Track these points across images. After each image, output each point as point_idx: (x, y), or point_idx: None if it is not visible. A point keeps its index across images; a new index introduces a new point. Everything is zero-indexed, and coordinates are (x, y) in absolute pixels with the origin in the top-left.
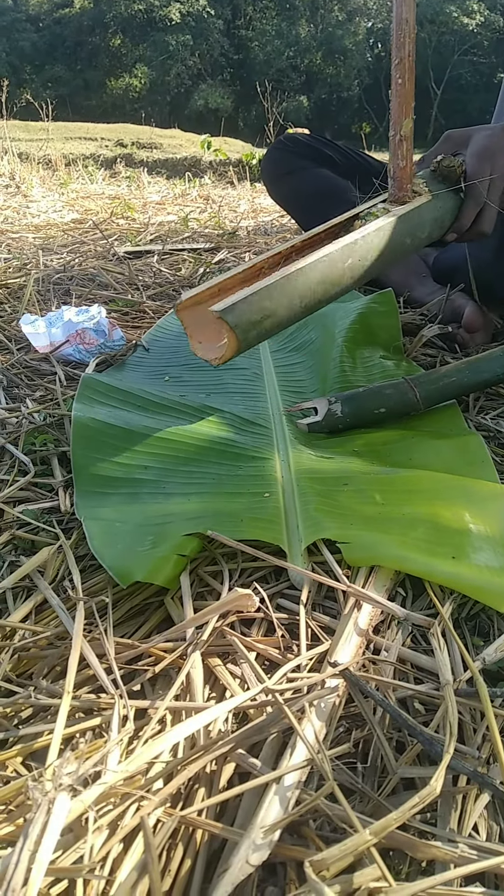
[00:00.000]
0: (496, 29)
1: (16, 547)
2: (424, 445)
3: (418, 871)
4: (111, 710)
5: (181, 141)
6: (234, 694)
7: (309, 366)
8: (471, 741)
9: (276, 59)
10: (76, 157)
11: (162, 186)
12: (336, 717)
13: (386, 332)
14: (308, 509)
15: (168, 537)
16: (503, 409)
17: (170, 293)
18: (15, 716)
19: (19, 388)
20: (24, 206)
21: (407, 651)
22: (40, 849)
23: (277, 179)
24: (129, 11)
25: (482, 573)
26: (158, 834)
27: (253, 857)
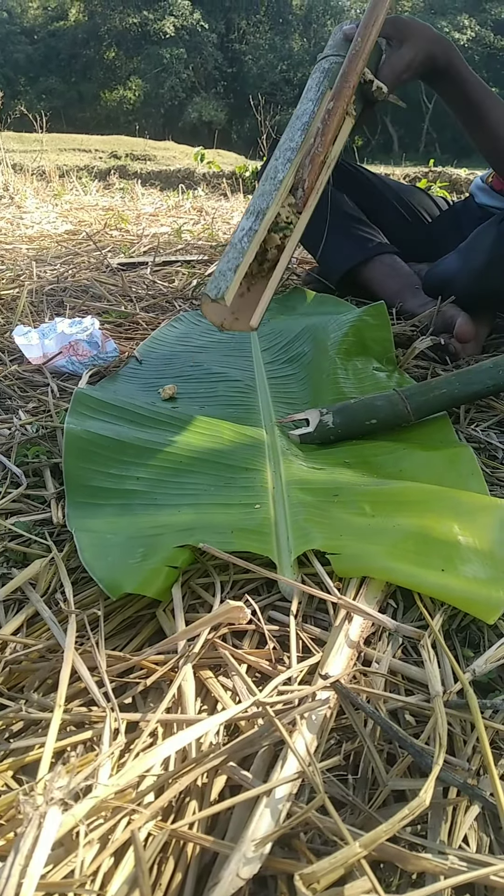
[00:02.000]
0: (487, 44)
1: (7, 559)
2: (415, 457)
3: (409, 883)
4: (102, 724)
5: (175, 153)
6: (225, 706)
7: (302, 378)
8: (461, 753)
9: (269, 72)
10: (70, 168)
11: (155, 198)
12: (327, 729)
13: (378, 344)
14: (298, 520)
15: (159, 549)
16: (494, 421)
17: (163, 305)
18: (6, 729)
19: (12, 399)
20: (18, 217)
21: (398, 663)
22: (31, 863)
23: None
24: (124, 25)
25: (470, 585)
26: (149, 848)
27: (244, 871)
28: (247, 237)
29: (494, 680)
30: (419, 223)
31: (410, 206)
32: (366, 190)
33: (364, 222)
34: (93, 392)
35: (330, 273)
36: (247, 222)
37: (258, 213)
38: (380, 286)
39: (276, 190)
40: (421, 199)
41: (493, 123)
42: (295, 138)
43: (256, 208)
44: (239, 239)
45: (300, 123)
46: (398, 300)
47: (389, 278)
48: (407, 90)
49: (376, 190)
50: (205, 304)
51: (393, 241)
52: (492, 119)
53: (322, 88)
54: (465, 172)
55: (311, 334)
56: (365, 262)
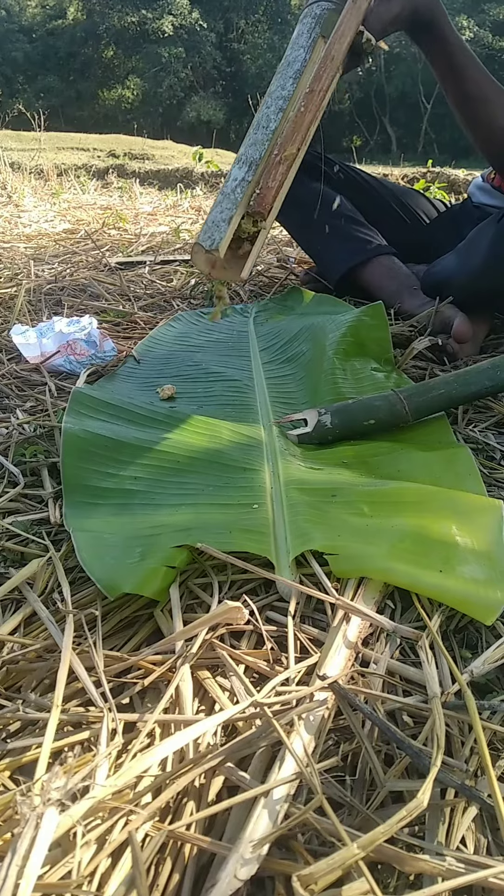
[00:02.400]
0: (485, 45)
1: (5, 559)
2: (413, 457)
3: (406, 884)
4: (100, 724)
5: (173, 152)
6: (223, 707)
7: (300, 378)
8: (459, 754)
9: (267, 71)
10: (68, 167)
11: (154, 197)
12: (325, 730)
13: (377, 344)
14: (296, 520)
15: (157, 549)
16: (492, 422)
17: (161, 304)
18: (3, 729)
19: (10, 398)
20: (16, 216)
21: (395, 663)
22: (28, 864)
23: None
24: (122, 23)
25: (468, 586)
26: (147, 848)
27: (241, 872)
28: (240, 188)
29: (492, 681)
30: (417, 224)
31: (408, 208)
32: (364, 192)
33: (362, 223)
34: (90, 391)
35: (328, 274)
36: (239, 172)
37: (251, 164)
38: (378, 287)
39: (269, 140)
40: (418, 201)
41: (469, 82)
42: (287, 86)
43: (249, 158)
44: (231, 189)
45: (292, 71)
46: (397, 301)
47: (388, 279)
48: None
49: (374, 192)
50: (196, 253)
51: (391, 242)
52: (468, 77)
53: (314, 35)
54: (463, 173)
55: (310, 334)
56: (363, 264)
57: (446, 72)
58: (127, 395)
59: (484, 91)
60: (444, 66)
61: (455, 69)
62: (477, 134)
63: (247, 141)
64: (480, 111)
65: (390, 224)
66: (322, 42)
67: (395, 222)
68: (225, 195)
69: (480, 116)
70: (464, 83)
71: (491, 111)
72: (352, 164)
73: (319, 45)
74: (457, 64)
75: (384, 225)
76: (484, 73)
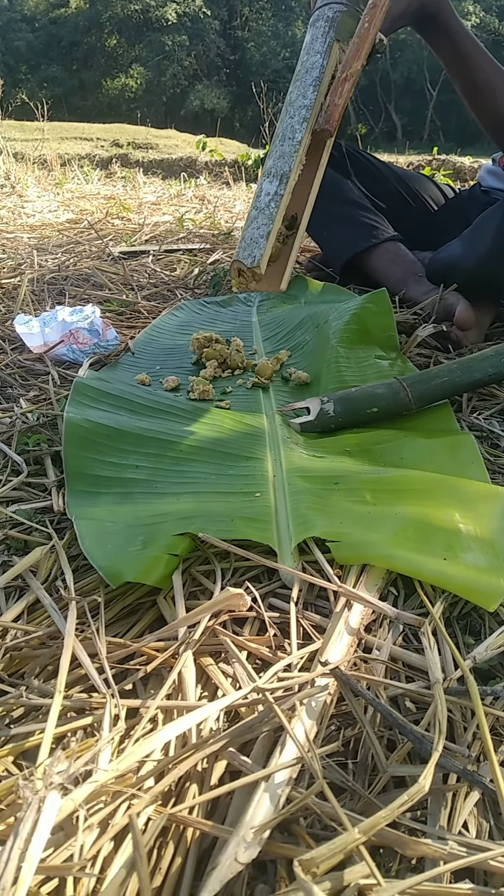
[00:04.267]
0: (492, 30)
1: (8, 547)
2: (416, 445)
3: (408, 868)
4: (102, 710)
5: (177, 141)
6: (225, 693)
7: (303, 366)
8: (461, 739)
9: (272, 59)
10: (72, 157)
11: (157, 187)
12: (327, 715)
13: (381, 331)
14: (299, 508)
15: (159, 537)
16: (496, 410)
17: (164, 293)
18: (6, 715)
19: (13, 388)
20: (20, 206)
21: (398, 650)
22: (31, 847)
23: None
24: (126, 12)
25: (471, 572)
26: (148, 832)
27: (243, 855)
28: (273, 202)
29: (495, 667)
30: (424, 210)
31: (416, 193)
32: (372, 176)
33: (369, 209)
34: (93, 381)
35: (334, 259)
36: (270, 186)
37: (282, 177)
38: (383, 273)
39: (296, 151)
40: (426, 187)
41: (476, 71)
42: (308, 95)
43: (279, 171)
44: (265, 204)
45: (311, 78)
46: (402, 288)
47: (393, 265)
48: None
49: (382, 176)
50: (235, 269)
51: (398, 228)
52: (475, 66)
53: (329, 40)
54: (468, 160)
55: (313, 322)
56: (369, 250)
57: (453, 62)
58: (129, 384)
59: (491, 79)
60: (450, 56)
61: (461, 59)
62: (486, 122)
63: (273, 153)
64: (488, 99)
65: (398, 209)
66: (338, 46)
67: (403, 208)
68: (259, 210)
69: (488, 104)
70: (470, 72)
71: (498, 98)
72: (363, 150)
73: (335, 49)
74: (463, 53)
75: (391, 210)
76: (490, 61)
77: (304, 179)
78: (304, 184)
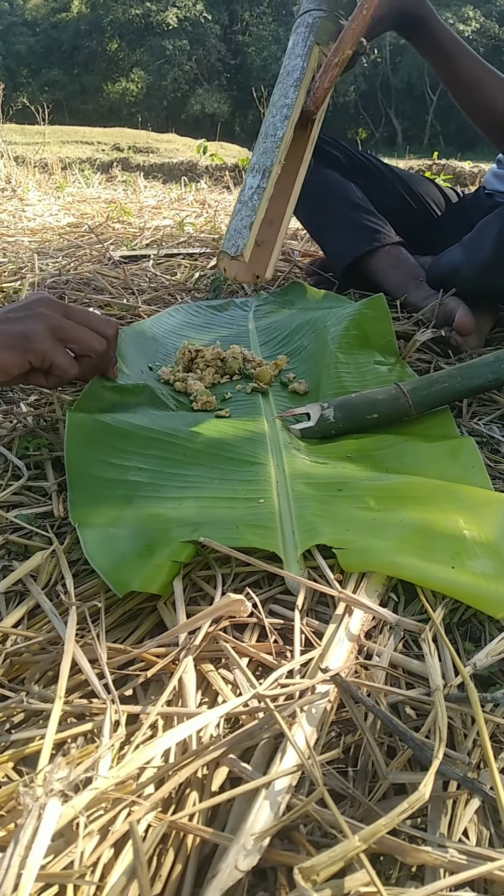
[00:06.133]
0: (492, 35)
1: (9, 552)
2: (417, 451)
3: (408, 876)
4: (103, 716)
5: (177, 145)
6: (226, 699)
7: (302, 371)
8: (461, 746)
9: (272, 64)
10: (72, 160)
11: (158, 191)
12: (327, 722)
13: (380, 336)
14: (304, 514)
15: (164, 544)
16: (496, 415)
17: (165, 298)
18: (7, 720)
19: (13, 391)
20: (20, 209)
21: (398, 656)
22: (31, 854)
23: None
24: (127, 16)
25: (477, 580)
26: (149, 839)
27: (243, 863)
28: (256, 195)
29: (495, 674)
30: (426, 213)
31: (418, 195)
32: (374, 178)
33: (371, 212)
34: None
35: (335, 262)
36: (253, 180)
37: (264, 171)
38: (384, 277)
39: (278, 147)
40: (429, 189)
41: (463, 70)
42: (289, 94)
43: (262, 166)
44: (249, 197)
45: (292, 80)
46: (403, 292)
47: (394, 269)
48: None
49: (384, 178)
50: (222, 259)
51: (399, 230)
52: (461, 65)
53: (309, 44)
54: (469, 165)
55: (311, 328)
56: (371, 253)
57: (439, 63)
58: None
59: (477, 75)
60: (436, 58)
61: (447, 60)
62: (477, 120)
63: (257, 150)
64: (476, 96)
65: (400, 212)
66: (317, 49)
67: (405, 210)
68: (243, 203)
69: (477, 100)
70: (457, 70)
71: (487, 94)
72: (366, 151)
73: (315, 52)
74: (448, 54)
75: (394, 212)
76: (475, 59)
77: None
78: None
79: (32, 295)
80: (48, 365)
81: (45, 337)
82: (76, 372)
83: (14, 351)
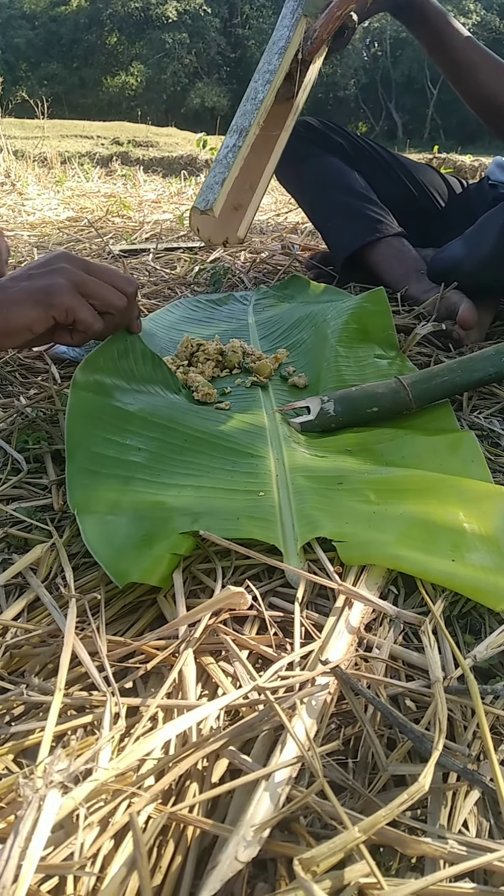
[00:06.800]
0: (493, 29)
1: (8, 545)
2: (417, 444)
3: (408, 867)
4: (103, 708)
5: (177, 139)
6: (225, 691)
7: (301, 365)
8: (461, 738)
9: None
10: (72, 154)
11: (158, 185)
12: (327, 714)
13: (380, 329)
14: (304, 507)
15: (164, 534)
16: (496, 409)
17: (165, 292)
18: (7, 713)
19: (13, 385)
20: (20, 203)
21: (398, 648)
22: (31, 845)
23: (288, 164)
24: (126, 9)
25: (477, 572)
26: (148, 830)
27: (243, 854)
28: (231, 153)
29: (495, 666)
30: (428, 202)
31: (420, 184)
32: (377, 165)
33: (374, 202)
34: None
35: (336, 252)
36: (230, 140)
37: (241, 131)
38: (386, 269)
39: (257, 110)
40: (432, 178)
41: (457, 52)
42: (273, 62)
43: (239, 126)
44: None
45: (277, 48)
46: (404, 284)
47: (396, 261)
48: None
49: (387, 165)
50: (193, 216)
51: (401, 218)
52: (455, 48)
53: (297, 16)
54: (469, 158)
55: (311, 322)
56: (373, 244)
57: (433, 45)
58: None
59: (470, 57)
60: (429, 40)
61: (441, 42)
62: (473, 103)
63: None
64: (470, 77)
65: (403, 201)
66: (304, 21)
67: (408, 198)
68: (218, 161)
69: (471, 82)
70: (450, 52)
71: (481, 75)
72: (369, 139)
73: (302, 23)
74: (442, 37)
75: (397, 201)
76: (469, 41)
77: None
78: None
79: (53, 252)
80: (72, 320)
81: (68, 291)
82: (100, 327)
83: (38, 307)
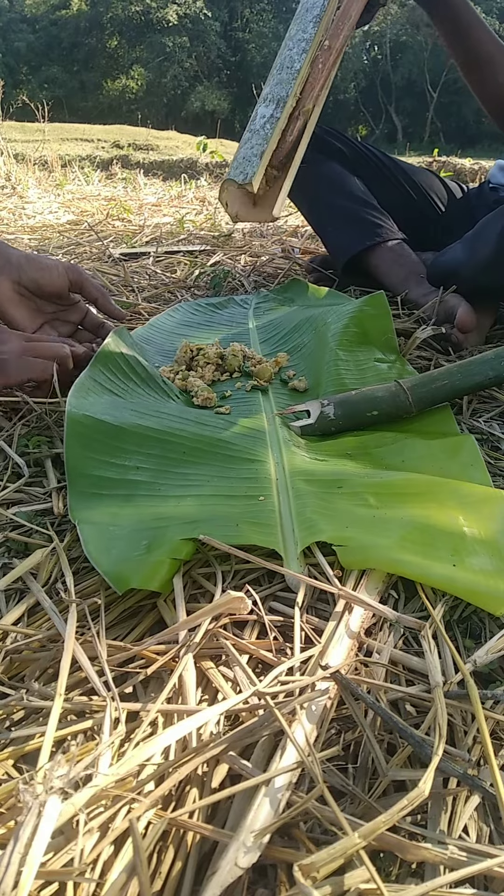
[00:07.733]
0: (493, 31)
1: (9, 549)
2: (417, 448)
3: (408, 872)
4: (103, 713)
5: (177, 143)
6: (225, 696)
7: (302, 369)
8: (461, 743)
9: (272, 61)
10: (72, 158)
11: (158, 188)
12: (327, 719)
13: (380, 333)
14: (304, 511)
15: (164, 541)
16: (497, 412)
17: (165, 295)
18: (7, 718)
19: (13, 389)
20: (20, 207)
21: (398, 653)
22: (31, 851)
23: None
24: (126, 13)
25: (477, 576)
26: (149, 836)
27: (243, 860)
28: (269, 123)
29: (495, 671)
30: (429, 207)
31: (420, 188)
32: (376, 168)
33: (374, 206)
34: (95, 376)
35: (336, 256)
36: (266, 109)
37: (278, 101)
38: (386, 273)
39: (294, 79)
40: (432, 183)
41: (476, 44)
42: (308, 30)
43: (276, 96)
44: (261, 125)
45: (311, 16)
46: (404, 288)
47: (396, 265)
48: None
49: (387, 170)
50: (227, 189)
51: (401, 223)
52: (475, 39)
53: None
54: (469, 162)
55: (311, 325)
56: (372, 248)
57: (451, 33)
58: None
59: (491, 52)
60: (448, 27)
61: (462, 31)
62: (483, 95)
63: (271, 81)
64: (488, 73)
65: (403, 206)
66: None
67: (407, 202)
68: (254, 132)
69: (489, 78)
70: (468, 42)
71: (495, 70)
72: (369, 144)
73: None
74: (463, 25)
75: (397, 206)
76: (490, 35)
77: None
78: None
79: None
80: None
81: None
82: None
83: None
